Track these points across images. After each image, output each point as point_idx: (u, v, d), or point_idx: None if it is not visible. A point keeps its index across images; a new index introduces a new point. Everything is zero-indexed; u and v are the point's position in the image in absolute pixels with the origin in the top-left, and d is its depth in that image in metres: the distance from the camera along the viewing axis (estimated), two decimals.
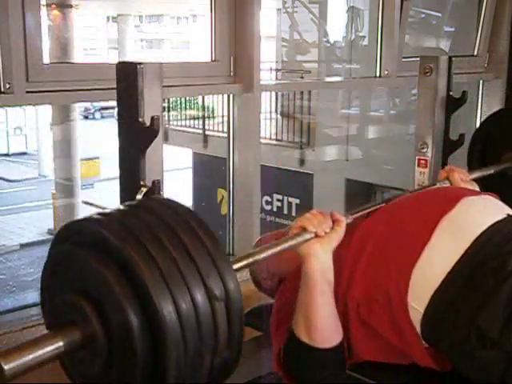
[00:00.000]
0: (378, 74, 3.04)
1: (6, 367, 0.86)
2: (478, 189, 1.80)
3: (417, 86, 2.26)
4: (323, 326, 1.35)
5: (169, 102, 8.48)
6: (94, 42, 14.57)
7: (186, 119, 9.45)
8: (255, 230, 2.51)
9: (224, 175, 2.59)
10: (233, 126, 2.54)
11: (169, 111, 9.13)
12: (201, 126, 8.99)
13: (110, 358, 0.93)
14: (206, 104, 9.19)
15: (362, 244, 1.44)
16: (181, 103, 9.52)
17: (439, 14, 4.99)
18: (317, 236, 1.34)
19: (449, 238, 1.35)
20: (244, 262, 1.23)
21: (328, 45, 7.70)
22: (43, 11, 1.94)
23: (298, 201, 7.23)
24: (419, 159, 2.22)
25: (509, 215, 1.42)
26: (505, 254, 1.30)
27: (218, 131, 8.21)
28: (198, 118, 9.28)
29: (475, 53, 3.48)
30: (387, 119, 6.91)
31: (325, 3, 7.68)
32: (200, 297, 0.91)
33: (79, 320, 0.93)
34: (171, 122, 9.27)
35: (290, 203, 7.37)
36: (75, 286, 0.96)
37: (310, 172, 7.15)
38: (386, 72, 3.00)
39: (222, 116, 7.47)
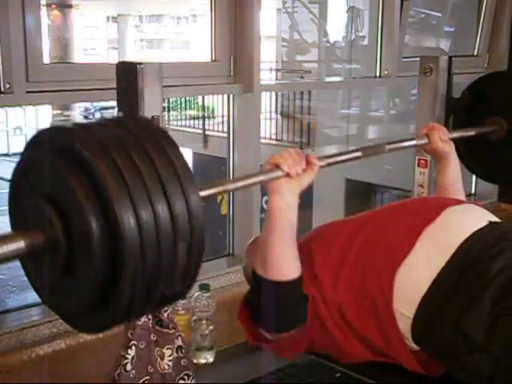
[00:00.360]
0: (377, 74, 3.04)
1: None
2: (453, 149, 1.81)
3: (417, 85, 2.26)
4: (279, 259, 1.36)
5: (169, 101, 8.49)
6: (94, 42, 14.59)
7: (186, 119, 9.47)
8: (255, 229, 2.51)
9: (224, 175, 2.60)
10: (233, 125, 2.54)
11: (169, 111, 9.14)
12: (201, 126, 9.00)
13: (69, 263, 0.95)
14: (206, 104, 9.20)
15: (347, 248, 1.45)
16: (181, 103, 9.53)
17: (439, 14, 4.99)
18: (288, 175, 1.34)
19: (433, 245, 1.37)
20: (213, 190, 1.24)
21: (328, 45, 7.71)
22: (43, 11, 1.94)
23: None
24: (419, 159, 2.22)
25: (490, 222, 1.43)
26: (487, 260, 1.31)
27: (217, 131, 8.23)
28: (197, 118, 9.30)
29: (475, 53, 3.48)
30: (387, 119, 6.92)
31: (325, 3, 7.69)
32: (162, 212, 0.92)
33: (43, 224, 0.95)
34: (171, 122, 9.29)
35: None
36: (43, 192, 0.97)
37: None
38: (386, 72, 3.00)
39: (222, 116, 7.49)
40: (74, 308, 0.99)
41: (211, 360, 1.81)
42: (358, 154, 1.60)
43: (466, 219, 1.45)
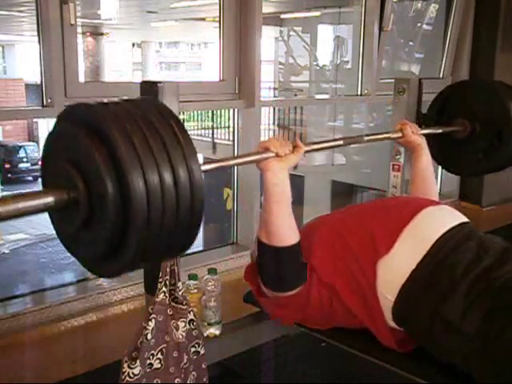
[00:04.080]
0: (359, 93, 3.04)
1: (0, 209, 0.88)
2: (425, 142, 1.79)
3: (392, 103, 2.26)
4: (278, 228, 1.33)
5: (184, 114, 8.48)
6: (121, 64, 14.55)
7: (198, 129, 9.45)
8: (255, 222, 2.51)
9: (229, 176, 2.60)
10: (237, 135, 2.54)
11: (184, 122, 9.11)
12: (210, 135, 8.98)
13: (88, 218, 0.95)
14: (215, 116, 9.18)
15: (335, 236, 1.43)
16: (194, 116, 9.51)
17: (411, 43, 4.99)
18: (277, 156, 1.33)
19: (411, 241, 1.35)
20: (212, 165, 1.25)
21: (317, 68, 7.69)
22: (79, 38, 1.94)
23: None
24: (393, 164, 2.22)
25: (461, 223, 1.42)
26: (458, 254, 1.30)
27: (224, 139, 8.21)
28: (208, 128, 9.28)
29: (440, 76, 3.48)
30: (367, 131, 6.90)
31: (315, 33, 7.67)
32: (167, 177, 0.92)
33: (68, 185, 0.96)
34: None
35: None
36: (68, 158, 0.97)
37: (302, 174, 7.15)
38: (366, 91, 3.00)
39: (228, 127, 7.48)
40: (91, 255, 1.00)
41: (218, 332, 1.81)
42: (340, 142, 1.57)
43: (441, 219, 1.43)
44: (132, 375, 1.32)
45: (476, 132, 2.05)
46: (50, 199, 0.95)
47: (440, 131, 2.05)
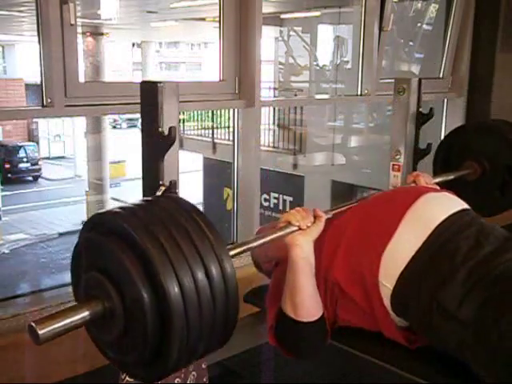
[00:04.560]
0: (359, 93, 3.04)
1: (40, 332, 0.87)
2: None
3: (392, 103, 2.26)
4: (306, 303, 1.34)
5: (184, 114, 8.48)
6: (121, 64, 14.55)
7: (198, 129, 9.45)
8: (255, 222, 2.51)
9: (229, 176, 2.60)
10: (237, 135, 2.54)
11: (183, 122, 9.12)
12: (210, 135, 8.98)
13: (125, 326, 0.94)
14: (215, 116, 9.18)
15: (340, 233, 1.43)
16: (194, 116, 9.51)
17: (411, 43, 4.99)
18: (300, 229, 1.34)
19: (412, 227, 1.35)
20: (239, 249, 1.23)
21: (317, 68, 7.69)
22: (79, 38, 1.93)
23: (291, 198, 7.24)
24: (393, 164, 2.22)
25: (463, 209, 1.42)
26: (459, 241, 1.30)
27: (224, 139, 8.22)
28: (208, 128, 9.28)
29: (441, 76, 3.48)
30: (366, 131, 6.90)
31: (315, 33, 7.67)
32: (200, 276, 0.92)
33: (102, 295, 0.95)
34: (186, 132, 9.27)
35: (284, 200, 7.37)
36: (98, 267, 0.97)
37: (302, 174, 7.15)
38: (366, 91, 3.00)
39: (228, 127, 7.48)
40: (130, 362, 0.99)
41: None
42: (357, 204, 1.57)
43: (442, 205, 1.43)
44: None
45: (487, 171, 2.09)
46: (85, 313, 0.94)
47: (452, 177, 2.07)
